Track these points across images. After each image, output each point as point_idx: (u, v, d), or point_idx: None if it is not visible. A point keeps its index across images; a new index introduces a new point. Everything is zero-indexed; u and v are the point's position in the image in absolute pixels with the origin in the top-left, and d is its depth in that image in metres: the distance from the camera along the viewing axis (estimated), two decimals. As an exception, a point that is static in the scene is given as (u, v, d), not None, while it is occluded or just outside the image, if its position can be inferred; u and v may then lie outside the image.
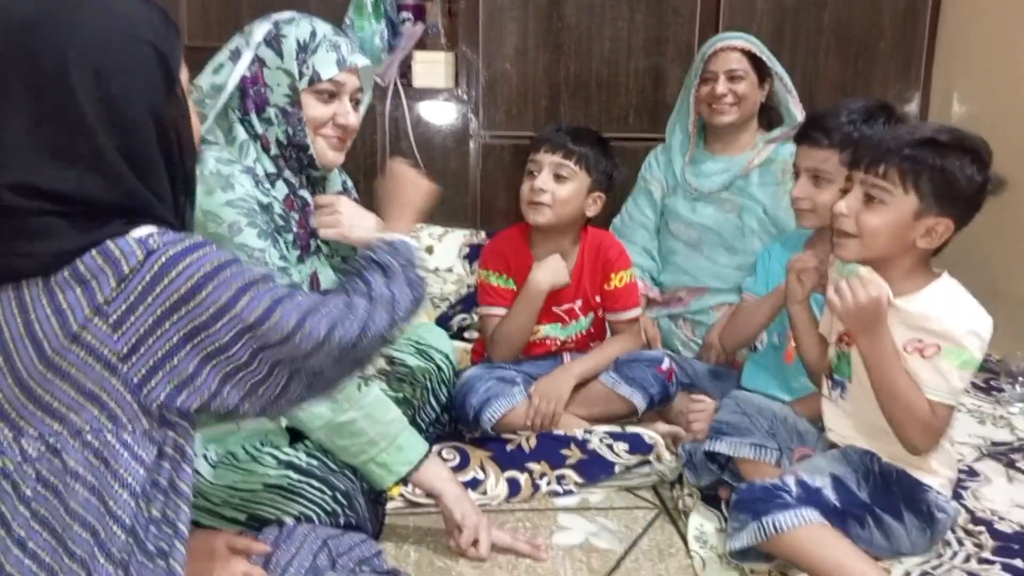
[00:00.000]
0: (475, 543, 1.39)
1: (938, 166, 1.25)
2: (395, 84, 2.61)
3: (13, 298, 0.84)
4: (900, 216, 1.27)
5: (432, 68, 2.67)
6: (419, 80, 2.67)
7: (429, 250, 2.56)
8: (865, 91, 2.76)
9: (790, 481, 1.28)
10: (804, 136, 1.66)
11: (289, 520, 1.31)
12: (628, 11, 2.69)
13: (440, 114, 2.70)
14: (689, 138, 2.24)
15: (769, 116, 2.24)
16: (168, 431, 0.89)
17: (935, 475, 1.34)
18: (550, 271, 1.83)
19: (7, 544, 0.84)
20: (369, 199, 2.61)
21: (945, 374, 1.26)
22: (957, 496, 1.44)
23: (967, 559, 1.36)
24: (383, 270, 1.10)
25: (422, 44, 2.70)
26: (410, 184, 1.35)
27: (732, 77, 2.12)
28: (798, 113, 2.18)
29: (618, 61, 2.72)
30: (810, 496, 1.26)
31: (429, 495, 1.44)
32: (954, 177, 1.25)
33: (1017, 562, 1.36)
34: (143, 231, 0.84)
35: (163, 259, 0.83)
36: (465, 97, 2.69)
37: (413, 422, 1.54)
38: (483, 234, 2.62)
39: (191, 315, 0.84)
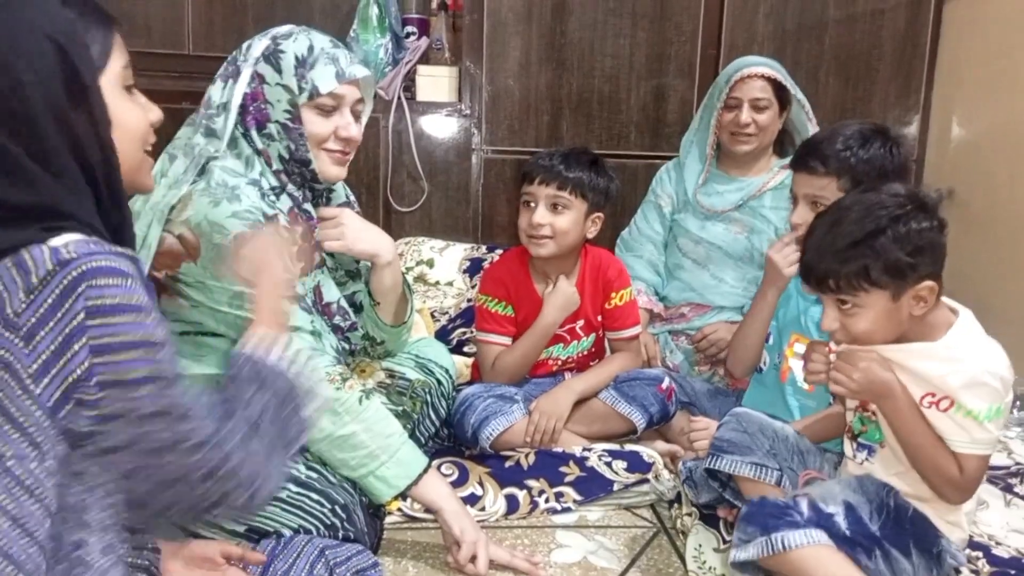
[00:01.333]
0: (473, 559, 1.39)
1: (880, 258, 1.21)
2: (398, 97, 2.62)
3: None
4: (880, 309, 1.25)
5: (435, 82, 2.69)
6: (422, 94, 2.69)
7: (430, 264, 2.56)
8: (865, 113, 2.78)
9: (803, 503, 1.27)
10: (801, 163, 1.66)
11: (287, 532, 1.31)
12: (631, 28, 2.72)
13: (443, 128, 2.71)
14: (705, 159, 2.23)
15: (782, 140, 2.24)
16: (86, 460, 0.83)
17: (956, 528, 1.32)
18: (561, 306, 1.83)
19: None
20: (371, 212, 2.63)
21: (965, 426, 1.24)
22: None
23: (965, 584, 1.36)
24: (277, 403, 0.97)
25: (426, 58, 2.72)
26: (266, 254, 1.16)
27: (756, 106, 2.11)
28: None
29: (620, 78, 2.74)
30: (821, 520, 1.25)
31: (428, 510, 1.44)
32: (898, 254, 1.21)
33: (1014, 587, 1.36)
34: (61, 240, 0.79)
35: (74, 273, 0.77)
36: (468, 111, 2.70)
37: (412, 436, 1.54)
38: (484, 248, 2.63)
39: (96, 332, 0.78)
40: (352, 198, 1.63)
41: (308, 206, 1.47)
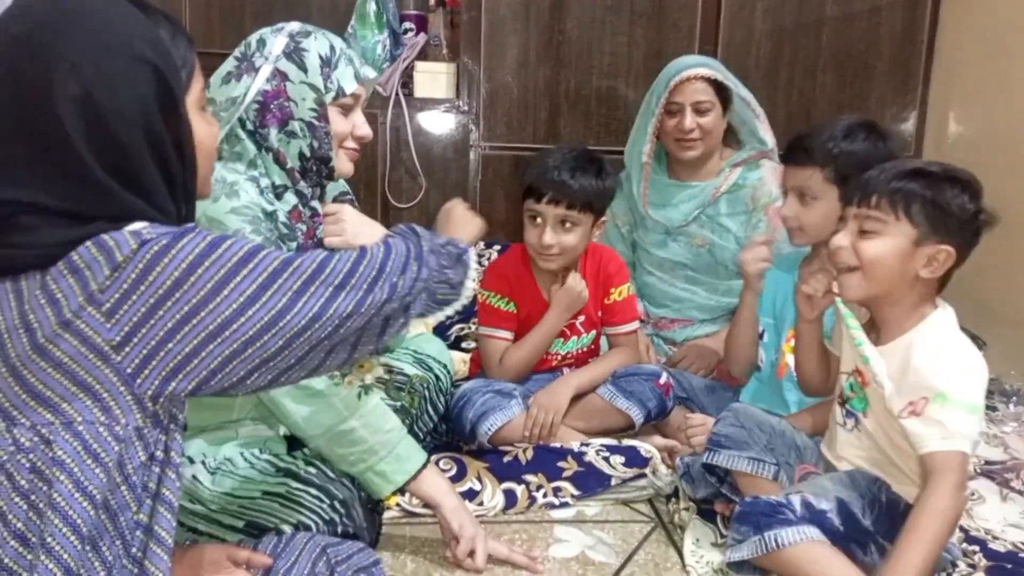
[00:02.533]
0: (472, 554, 1.39)
1: (928, 195, 1.26)
2: (396, 94, 2.62)
3: (11, 290, 0.85)
4: (897, 244, 1.27)
5: (433, 79, 2.69)
6: (420, 90, 2.68)
7: (427, 260, 2.56)
8: (862, 110, 2.78)
9: (795, 500, 1.28)
10: (789, 157, 1.68)
11: (287, 528, 1.31)
12: (628, 26, 2.71)
13: (441, 124, 2.71)
14: (643, 169, 2.16)
15: (726, 138, 2.19)
16: (160, 434, 0.89)
17: None
18: (568, 304, 1.83)
19: (3, 536, 0.83)
20: (369, 208, 2.63)
21: (941, 420, 1.21)
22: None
23: (961, 579, 1.36)
24: (410, 241, 1.04)
25: (424, 54, 2.71)
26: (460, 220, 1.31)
27: (699, 109, 2.06)
28: (767, 137, 2.15)
29: (618, 75, 2.74)
30: (814, 517, 1.26)
31: (427, 505, 1.45)
32: (946, 204, 1.25)
33: (1010, 581, 1.37)
34: (137, 225, 0.85)
35: (156, 248, 0.83)
36: (466, 108, 2.70)
37: (411, 431, 1.54)
38: (481, 244, 2.63)
39: (186, 297, 0.83)
40: (350, 194, 1.63)
41: (315, 203, 1.47)
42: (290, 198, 1.43)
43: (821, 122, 1.68)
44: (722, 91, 2.10)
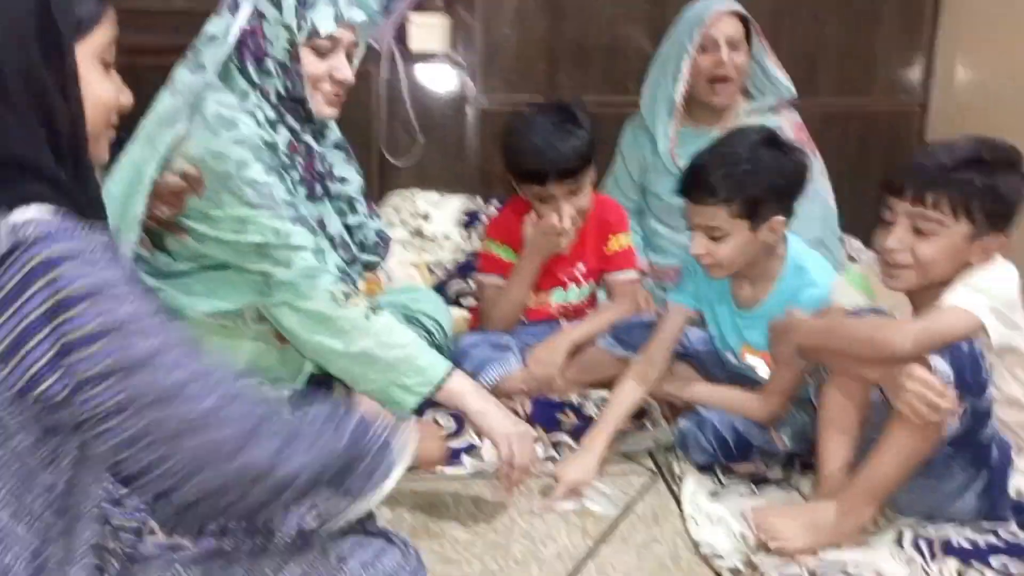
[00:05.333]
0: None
1: (988, 187, 1.24)
2: (391, 48, 2.57)
3: None
4: (954, 243, 1.26)
5: (429, 31, 2.63)
6: (416, 44, 2.62)
7: (426, 217, 2.54)
8: (868, 56, 2.73)
9: None
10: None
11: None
12: (630, -28, 2.65)
13: (437, 79, 2.66)
14: (675, 111, 2.12)
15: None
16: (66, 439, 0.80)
17: None
18: (539, 247, 1.80)
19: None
20: (365, 166, 2.58)
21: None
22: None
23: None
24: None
25: (419, 5, 2.65)
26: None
27: (732, 46, 2.04)
28: (784, 79, 2.13)
29: (619, 25, 2.68)
30: None
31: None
32: (1004, 195, 1.24)
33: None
34: (24, 215, 0.75)
35: (34, 262, 0.73)
36: (463, 62, 2.65)
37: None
38: (480, 200, 2.60)
39: (62, 330, 0.73)
40: (345, 143, 1.62)
41: (308, 138, 1.48)
42: (284, 132, 1.44)
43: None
44: (746, 33, 2.09)
